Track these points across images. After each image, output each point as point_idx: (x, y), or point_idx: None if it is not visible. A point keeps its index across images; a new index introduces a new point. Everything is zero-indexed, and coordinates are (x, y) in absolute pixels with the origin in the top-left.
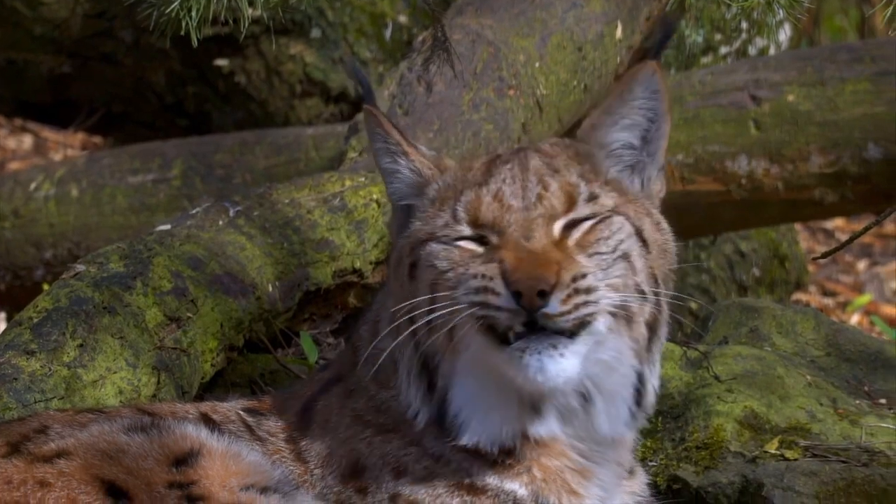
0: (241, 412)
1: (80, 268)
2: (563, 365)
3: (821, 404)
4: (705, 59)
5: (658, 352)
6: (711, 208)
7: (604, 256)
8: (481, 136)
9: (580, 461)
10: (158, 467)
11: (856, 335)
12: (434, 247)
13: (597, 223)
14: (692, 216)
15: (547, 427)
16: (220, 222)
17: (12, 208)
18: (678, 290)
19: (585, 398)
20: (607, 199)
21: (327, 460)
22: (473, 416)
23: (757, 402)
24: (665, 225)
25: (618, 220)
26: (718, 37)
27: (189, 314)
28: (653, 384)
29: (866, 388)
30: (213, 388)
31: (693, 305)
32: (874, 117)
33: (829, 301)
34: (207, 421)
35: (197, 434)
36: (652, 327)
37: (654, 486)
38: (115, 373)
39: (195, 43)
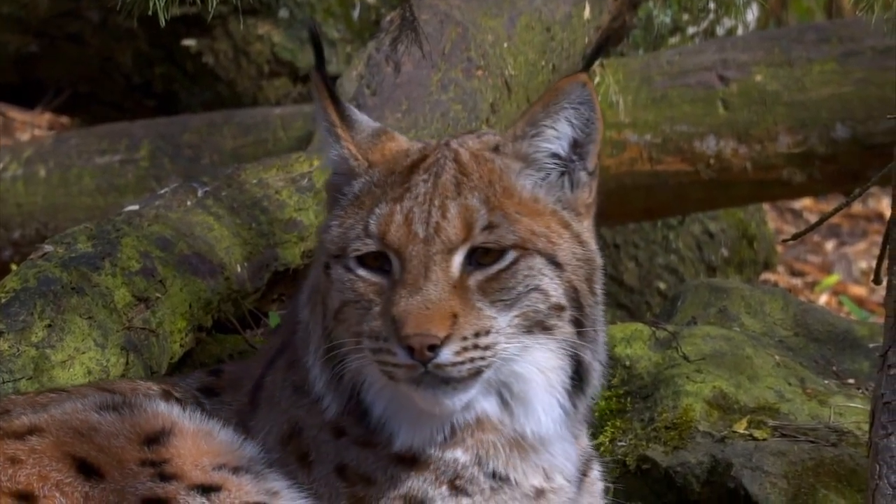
0: (197, 393)
1: (49, 248)
2: (457, 397)
3: (789, 384)
4: (673, 40)
5: (598, 330)
6: (679, 188)
7: (507, 301)
8: (450, 117)
9: (513, 437)
10: (130, 445)
11: (824, 315)
12: (341, 272)
13: (502, 270)
14: (660, 196)
15: (476, 412)
16: (189, 203)
17: None
18: (646, 272)
19: (504, 401)
20: (507, 231)
21: (269, 430)
22: (402, 424)
23: (726, 382)
24: (586, 235)
25: (525, 262)
26: (686, 17)
27: (157, 294)
28: (595, 365)
29: (834, 369)
30: (183, 368)
31: (662, 286)
32: (841, 97)
33: (797, 281)
34: (169, 398)
35: (169, 412)
36: (578, 321)
37: (623, 465)
38: (83, 353)
39: (163, 23)
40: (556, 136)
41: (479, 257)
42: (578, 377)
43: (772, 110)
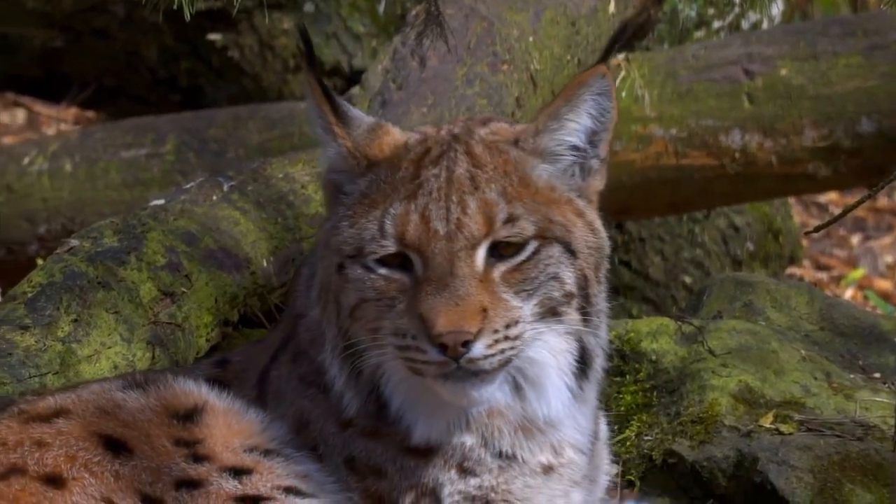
0: (207, 383)
1: (74, 242)
2: (484, 388)
3: (815, 378)
4: (698, 34)
5: (600, 317)
6: (705, 182)
7: (530, 290)
8: (475, 111)
9: (521, 421)
10: (158, 419)
11: (850, 309)
12: (360, 272)
13: (524, 261)
14: (686, 190)
15: (490, 402)
16: (214, 197)
17: (5, 183)
18: (672, 266)
19: (517, 387)
20: (527, 223)
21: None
22: (419, 417)
23: (751, 376)
24: (598, 224)
25: (546, 251)
26: (711, 11)
27: (183, 289)
28: (598, 352)
29: (860, 363)
30: None
31: (687, 280)
32: (867, 91)
33: (822, 275)
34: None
35: (199, 390)
36: (584, 309)
37: (649, 460)
38: (109, 347)
39: (188, 17)
40: (577, 128)
41: (500, 249)
42: (583, 362)
43: (797, 104)
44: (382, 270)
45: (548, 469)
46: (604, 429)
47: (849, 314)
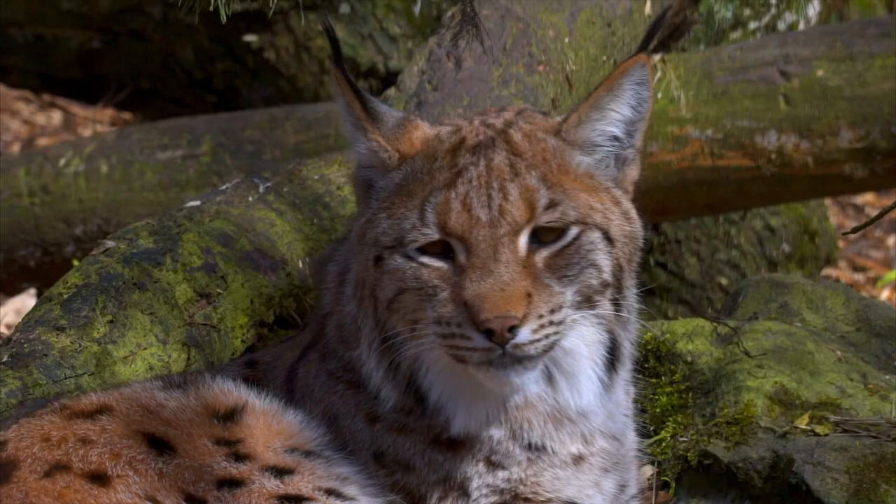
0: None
1: (110, 244)
2: (527, 375)
3: (851, 380)
4: (734, 35)
5: (630, 312)
6: (741, 183)
7: (571, 276)
8: None
9: (551, 411)
10: (199, 419)
11: (886, 310)
12: (400, 261)
13: (566, 246)
14: (721, 191)
15: (525, 393)
16: (250, 198)
17: (42, 184)
18: (708, 267)
19: (550, 377)
20: (568, 208)
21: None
22: (458, 408)
23: (787, 377)
24: (633, 213)
25: (586, 237)
26: (747, 12)
27: (219, 290)
28: (626, 345)
29: None
30: None
31: (723, 281)
32: None
33: (859, 276)
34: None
35: (238, 390)
36: (616, 301)
37: (684, 461)
38: (145, 349)
39: (224, 19)
40: (618, 118)
41: (541, 235)
42: (613, 354)
43: (833, 105)
44: (423, 259)
45: (578, 459)
46: (632, 434)
47: (885, 315)
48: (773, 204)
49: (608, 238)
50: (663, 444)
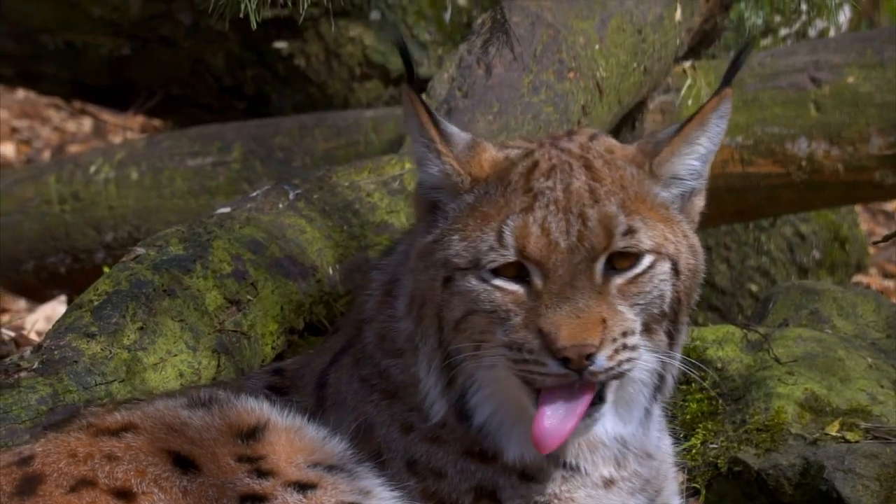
0: (267, 391)
1: (141, 251)
2: (603, 408)
3: (882, 386)
4: (765, 41)
5: (679, 342)
6: (771, 190)
7: (642, 304)
8: (541, 119)
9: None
10: (223, 438)
11: None
12: (473, 283)
13: (640, 274)
14: (752, 198)
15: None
16: (280, 205)
17: (72, 191)
18: (738, 274)
19: (616, 408)
20: (645, 236)
21: (339, 429)
22: (511, 437)
23: (817, 384)
24: (699, 247)
25: (659, 266)
26: (778, 18)
27: (249, 297)
28: (672, 374)
29: None
30: None
31: (753, 288)
32: None
33: (889, 283)
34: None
35: (260, 408)
36: (671, 333)
37: (714, 467)
38: (175, 356)
39: (254, 25)
40: (703, 152)
41: (616, 261)
42: (659, 383)
43: (864, 112)
44: (498, 281)
45: (609, 483)
46: (667, 441)
47: None
48: (804, 211)
49: (676, 270)
50: (693, 451)
